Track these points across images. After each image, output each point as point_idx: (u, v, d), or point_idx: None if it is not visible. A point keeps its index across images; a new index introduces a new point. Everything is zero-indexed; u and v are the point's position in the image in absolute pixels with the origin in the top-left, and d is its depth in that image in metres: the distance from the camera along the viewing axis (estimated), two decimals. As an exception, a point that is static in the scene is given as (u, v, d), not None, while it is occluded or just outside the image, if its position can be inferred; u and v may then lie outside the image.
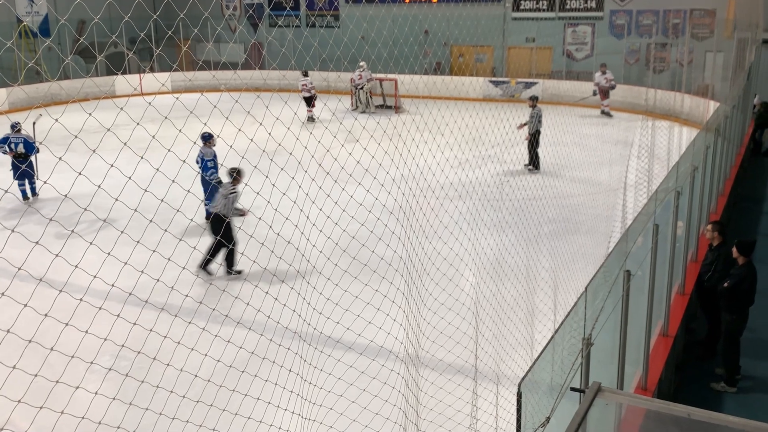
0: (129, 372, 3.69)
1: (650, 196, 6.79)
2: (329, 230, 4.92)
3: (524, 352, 6.36)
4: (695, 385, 7.50)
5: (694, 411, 3.38)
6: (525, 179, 11.84)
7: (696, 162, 8.64)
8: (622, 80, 23.66)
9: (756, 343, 7.93)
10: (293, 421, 4.41)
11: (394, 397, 4.81)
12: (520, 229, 7.78)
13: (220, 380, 4.37)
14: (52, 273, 3.43)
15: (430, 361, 5.68)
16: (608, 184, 11.19)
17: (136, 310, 3.57)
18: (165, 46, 25.49)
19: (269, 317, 4.50)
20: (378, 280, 5.05)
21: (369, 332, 5.16)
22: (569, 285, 7.33)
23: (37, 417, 2.95)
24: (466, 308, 6.01)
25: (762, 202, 15.01)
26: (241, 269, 8.51)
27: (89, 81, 24.80)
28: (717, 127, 11.09)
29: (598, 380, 3.60)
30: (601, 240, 8.82)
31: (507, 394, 5.35)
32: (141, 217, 3.31)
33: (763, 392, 7.37)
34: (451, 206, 10.96)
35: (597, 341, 4.03)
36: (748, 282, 7.27)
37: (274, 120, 4.13)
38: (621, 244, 5.12)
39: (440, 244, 5.77)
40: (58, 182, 3.05)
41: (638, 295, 5.77)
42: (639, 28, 24.96)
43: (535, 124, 15.68)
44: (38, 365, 2.85)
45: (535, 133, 15.69)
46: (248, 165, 4.17)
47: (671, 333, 7.23)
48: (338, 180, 4.92)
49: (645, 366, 6.25)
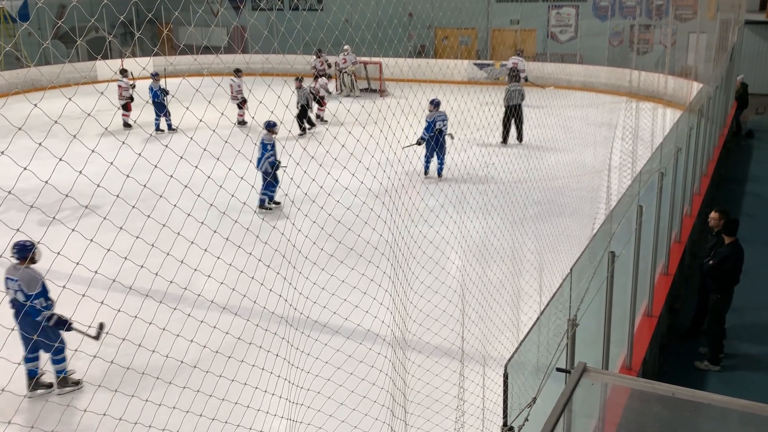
0: (114, 359, 3.67)
1: (634, 177, 6.82)
2: (315, 215, 4.91)
3: (510, 333, 6.39)
4: (679, 365, 7.59)
5: (679, 390, 3.42)
6: (510, 162, 11.85)
7: (680, 143, 8.69)
8: (606, 62, 23.71)
9: (740, 322, 8.02)
10: (281, 406, 4.42)
11: (382, 380, 4.82)
12: (506, 212, 7.80)
13: (207, 366, 4.36)
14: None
15: (416, 343, 5.70)
16: (593, 165, 11.22)
17: (121, 296, 3.55)
18: (146, 30, 25.21)
19: (255, 302, 4.49)
20: (364, 264, 5.05)
21: (356, 316, 5.17)
22: (554, 267, 7.36)
23: (23, 405, 2.93)
24: (453, 291, 6.03)
25: (744, 182, 15.13)
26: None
27: (70, 66, 24.50)
28: (700, 109, 11.14)
29: (583, 361, 3.62)
30: (586, 222, 8.86)
31: (494, 375, 5.38)
32: (124, 203, 3.28)
33: (746, 370, 7.47)
34: (436, 189, 10.96)
35: (582, 322, 4.05)
36: (732, 261, 7.34)
37: (258, 104, 4.09)
38: (605, 225, 5.15)
39: (426, 227, 5.77)
40: (39, 169, 3.01)
41: (623, 275, 5.80)
42: (623, 9, 24.97)
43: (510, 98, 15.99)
44: (22, 353, 2.82)
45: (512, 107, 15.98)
46: (232, 150, 4.13)
47: (655, 313, 7.29)
48: (323, 164, 4.89)
49: (630, 346, 6.30)
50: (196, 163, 3.73)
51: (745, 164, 16.79)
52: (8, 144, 2.63)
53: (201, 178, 3.85)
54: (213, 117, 3.85)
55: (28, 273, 6.10)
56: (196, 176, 3.72)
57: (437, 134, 13.55)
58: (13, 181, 2.81)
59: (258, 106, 4.14)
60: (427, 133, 13.54)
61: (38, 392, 6.21)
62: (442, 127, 13.66)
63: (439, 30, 27.70)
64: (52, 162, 2.76)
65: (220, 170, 3.89)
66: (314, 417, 4.74)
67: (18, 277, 6.07)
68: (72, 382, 6.32)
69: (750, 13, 23.32)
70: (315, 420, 4.77)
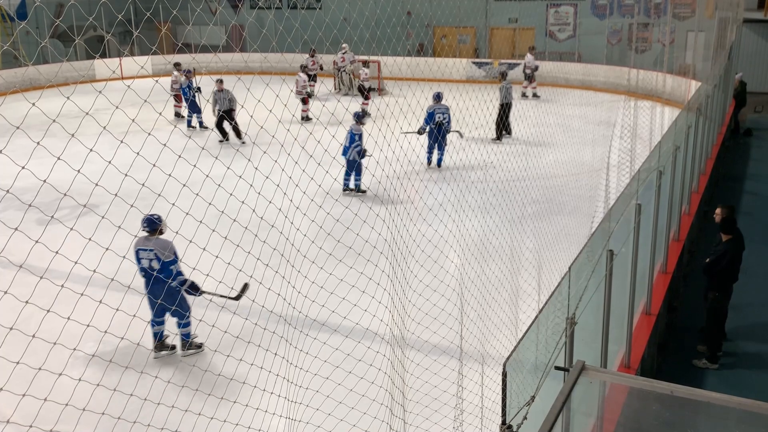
0: (113, 358, 3.67)
1: (633, 175, 6.82)
2: (313, 213, 4.91)
3: (509, 332, 6.39)
4: (677, 363, 7.60)
5: (677, 388, 3.42)
6: (508, 160, 11.85)
7: (678, 142, 8.69)
8: (604, 61, 23.71)
9: (737, 320, 8.03)
10: (279, 404, 4.42)
11: (380, 379, 4.83)
12: (504, 210, 7.80)
13: (205, 365, 4.36)
14: (32, 259, 3.39)
15: (415, 342, 5.70)
16: (591, 164, 11.21)
17: (119, 295, 3.55)
18: (144, 29, 25.16)
19: (254, 301, 4.49)
20: (363, 263, 5.05)
21: (354, 315, 5.17)
22: (553, 265, 7.36)
23: (21, 404, 2.93)
24: (451, 289, 6.03)
25: (742, 180, 15.15)
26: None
27: (68, 65, 24.45)
28: (698, 107, 11.14)
29: (582, 359, 3.63)
30: (585, 220, 8.87)
31: (492, 373, 5.38)
32: (122, 202, 3.28)
33: (744, 368, 7.48)
34: (435, 188, 10.96)
35: (581, 320, 4.06)
36: (728, 259, 7.33)
37: (256, 103, 4.09)
38: (604, 223, 5.15)
39: (425, 226, 5.77)
40: (38, 168, 3.01)
41: (621, 274, 5.81)
42: (621, 8, 24.97)
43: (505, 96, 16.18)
44: (20, 352, 2.82)
45: (505, 105, 16.15)
46: (230, 148, 4.13)
47: (654, 311, 7.30)
48: (321, 163, 4.89)
49: (628, 344, 6.31)
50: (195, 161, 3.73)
51: (743, 162, 16.80)
52: (6, 143, 2.63)
53: (200, 176, 3.85)
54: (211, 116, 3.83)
55: (161, 242, 6.69)
56: (195, 174, 3.72)
57: (438, 126, 13.88)
58: (11, 180, 2.81)
59: (256, 105, 4.13)
60: (427, 124, 13.97)
61: (163, 353, 6.84)
62: (442, 120, 13.98)
63: (437, 29, 27.68)
64: (50, 161, 2.76)
65: (218, 168, 3.88)
66: (313, 415, 4.74)
67: (152, 247, 6.63)
68: (195, 346, 6.86)
69: (749, 12, 23.31)
70: (314, 419, 4.77)
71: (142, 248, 6.72)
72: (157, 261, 6.58)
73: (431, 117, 14.06)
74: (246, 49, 27.11)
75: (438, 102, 14.24)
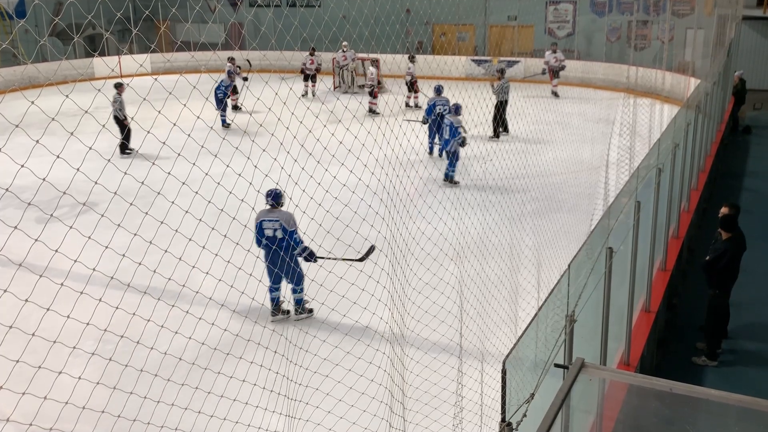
0: (113, 356, 3.67)
1: (632, 173, 6.82)
2: (313, 211, 4.91)
3: (508, 329, 6.40)
4: (677, 360, 7.60)
5: (676, 385, 3.42)
6: (507, 158, 11.85)
7: (677, 139, 8.69)
8: (603, 58, 23.69)
9: (737, 318, 8.03)
10: (279, 402, 4.42)
11: (380, 377, 4.83)
12: (504, 208, 7.80)
13: (205, 363, 4.36)
14: (32, 258, 3.39)
15: (415, 340, 5.71)
16: (590, 161, 11.21)
17: (119, 293, 3.55)
18: (143, 27, 25.12)
19: (253, 299, 4.49)
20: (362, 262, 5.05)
21: (354, 313, 5.17)
22: (552, 263, 7.36)
23: (21, 402, 2.93)
24: (451, 287, 6.03)
25: (742, 178, 15.15)
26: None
27: (67, 63, 24.42)
28: (697, 104, 11.14)
29: (581, 356, 3.63)
30: (584, 218, 8.87)
31: (492, 371, 5.38)
32: (121, 200, 3.27)
33: (744, 366, 7.49)
34: (434, 187, 10.96)
35: (580, 318, 4.06)
36: (727, 257, 7.33)
37: (255, 100, 4.09)
38: (603, 221, 5.15)
39: (424, 223, 5.76)
40: (37, 166, 3.01)
41: (620, 271, 5.81)
42: (620, 5, 24.95)
43: (503, 95, 16.25)
44: (20, 351, 2.82)
45: (502, 102, 16.25)
46: (230, 146, 4.13)
47: (653, 309, 7.30)
48: (321, 161, 4.89)
49: (627, 342, 6.31)
50: (194, 160, 3.72)
51: (742, 160, 16.80)
52: (5, 141, 2.63)
53: (199, 174, 3.85)
54: (210, 114, 3.84)
55: (284, 214, 7.28)
56: (194, 173, 3.71)
57: (438, 117, 14.58)
58: (10, 179, 2.81)
59: (256, 103, 4.13)
60: (427, 115, 14.88)
61: (279, 317, 7.48)
62: (442, 111, 14.62)
63: (436, 26, 27.66)
64: (49, 159, 2.76)
65: (218, 167, 3.88)
66: (313, 413, 4.74)
67: (277, 218, 7.23)
68: (307, 310, 7.48)
69: (748, 9, 23.30)
70: (313, 416, 4.77)
71: (267, 219, 7.26)
72: (282, 231, 7.19)
73: (431, 109, 14.84)
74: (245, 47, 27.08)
75: (438, 95, 15.00)
